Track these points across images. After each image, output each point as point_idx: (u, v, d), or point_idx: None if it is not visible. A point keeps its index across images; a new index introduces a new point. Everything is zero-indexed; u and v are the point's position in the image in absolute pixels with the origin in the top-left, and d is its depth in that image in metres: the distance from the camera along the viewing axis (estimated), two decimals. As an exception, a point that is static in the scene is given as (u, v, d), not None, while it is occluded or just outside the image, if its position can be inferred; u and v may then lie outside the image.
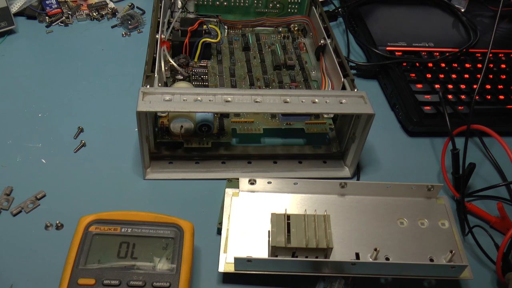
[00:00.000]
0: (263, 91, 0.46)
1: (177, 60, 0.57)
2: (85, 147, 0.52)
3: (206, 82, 0.58)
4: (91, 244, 0.38)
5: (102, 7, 0.73)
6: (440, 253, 0.41)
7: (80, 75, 0.62)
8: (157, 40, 0.53)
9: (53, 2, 0.70)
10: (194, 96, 0.44)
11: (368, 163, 0.55)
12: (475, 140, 0.59)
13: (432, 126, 0.58)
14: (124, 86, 0.60)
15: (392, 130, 0.60)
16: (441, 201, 0.46)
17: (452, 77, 0.63)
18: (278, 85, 0.59)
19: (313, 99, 0.46)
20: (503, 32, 0.75)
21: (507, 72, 0.65)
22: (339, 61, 0.55)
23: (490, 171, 0.56)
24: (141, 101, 0.43)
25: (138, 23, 0.71)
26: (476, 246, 0.46)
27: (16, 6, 0.69)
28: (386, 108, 0.63)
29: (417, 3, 0.79)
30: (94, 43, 0.68)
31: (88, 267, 0.36)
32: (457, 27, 0.75)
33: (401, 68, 0.64)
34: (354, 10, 0.76)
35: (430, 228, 0.44)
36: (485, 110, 0.60)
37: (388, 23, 0.74)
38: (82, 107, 0.57)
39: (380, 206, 0.45)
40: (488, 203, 0.52)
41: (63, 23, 0.70)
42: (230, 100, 0.45)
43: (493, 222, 0.49)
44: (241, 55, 0.63)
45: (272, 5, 0.69)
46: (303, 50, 0.66)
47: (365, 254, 0.41)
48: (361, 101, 0.47)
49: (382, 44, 0.68)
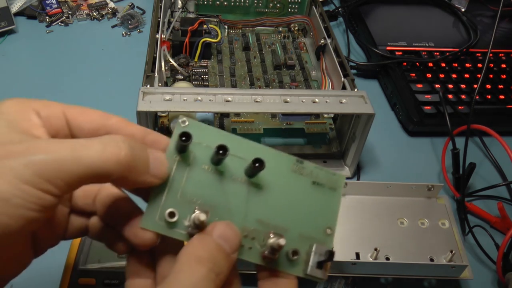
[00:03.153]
0: (263, 91, 0.46)
1: (177, 60, 0.57)
2: (85, 147, 0.52)
3: (206, 82, 0.58)
4: (91, 244, 0.38)
5: (102, 7, 0.73)
6: (440, 253, 0.41)
7: (80, 75, 0.62)
8: (157, 40, 0.53)
9: (53, 2, 0.70)
10: (194, 96, 0.44)
11: (368, 163, 0.54)
12: (475, 140, 0.59)
13: (432, 126, 0.58)
14: (124, 86, 0.60)
15: (392, 130, 0.60)
16: (441, 201, 0.46)
17: (452, 77, 0.63)
18: (278, 85, 0.59)
19: (313, 99, 0.46)
20: (503, 32, 0.75)
21: (507, 71, 0.65)
22: (339, 61, 0.54)
23: (490, 171, 0.56)
24: (141, 101, 0.43)
25: (138, 23, 0.71)
26: (476, 246, 0.46)
27: (16, 6, 0.69)
28: (386, 108, 0.63)
29: (417, 3, 0.79)
30: (94, 43, 0.68)
31: (88, 267, 0.36)
32: (457, 27, 0.75)
33: (401, 68, 0.64)
34: (354, 10, 0.76)
35: (430, 228, 0.44)
36: (485, 110, 0.60)
37: (388, 23, 0.74)
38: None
39: (380, 206, 0.45)
40: (488, 203, 0.52)
41: (63, 23, 0.70)
42: (230, 100, 0.45)
43: (493, 222, 0.49)
44: (241, 55, 0.63)
45: (272, 5, 0.69)
46: (303, 50, 0.66)
47: (365, 254, 0.41)
48: (361, 101, 0.47)
49: (382, 44, 0.68)
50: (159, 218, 0.24)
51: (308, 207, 0.26)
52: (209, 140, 0.25)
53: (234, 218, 0.25)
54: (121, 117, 0.25)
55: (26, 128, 0.22)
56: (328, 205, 0.27)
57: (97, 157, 0.20)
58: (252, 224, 0.25)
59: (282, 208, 0.26)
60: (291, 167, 0.26)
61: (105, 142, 0.21)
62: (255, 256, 0.25)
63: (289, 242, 0.25)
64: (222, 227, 0.23)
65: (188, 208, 0.24)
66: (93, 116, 0.24)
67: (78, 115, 0.24)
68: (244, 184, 0.25)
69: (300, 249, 0.25)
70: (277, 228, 0.25)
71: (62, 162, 0.20)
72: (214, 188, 0.25)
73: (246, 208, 0.25)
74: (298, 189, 0.26)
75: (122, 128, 0.25)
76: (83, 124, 0.24)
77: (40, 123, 0.23)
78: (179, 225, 0.24)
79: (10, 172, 0.19)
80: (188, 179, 0.24)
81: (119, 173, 0.21)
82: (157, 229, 0.24)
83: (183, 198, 0.24)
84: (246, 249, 0.25)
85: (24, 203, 0.19)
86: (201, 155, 0.25)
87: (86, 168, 0.20)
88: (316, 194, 0.26)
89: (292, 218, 0.26)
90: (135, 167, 0.22)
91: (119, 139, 0.22)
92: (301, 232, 0.26)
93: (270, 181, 0.26)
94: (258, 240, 0.25)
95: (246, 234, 0.25)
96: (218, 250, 0.23)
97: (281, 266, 0.25)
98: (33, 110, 0.23)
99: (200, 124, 0.25)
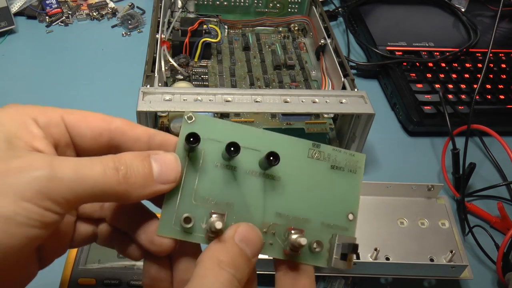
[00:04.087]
0: (263, 91, 0.46)
1: (177, 60, 0.57)
2: (85, 147, 0.52)
3: (206, 82, 0.58)
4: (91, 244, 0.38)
5: (102, 7, 0.73)
6: (440, 253, 0.41)
7: (80, 75, 0.62)
8: (157, 40, 0.53)
9: (53, 2, 0.70)
10: (194, 96, 0.44)
11: (368, 163, 0.54)
12: (475, 140, 0.59)
13: (432, 126, 0.58)
14: (124, 86, 0.60)
15: (392, 130, 0.60)
16: (441, 201, 0.46)
17: (452, 77, 0.63)
18: (278, 85, 0.59)
19: (313, 99, 0.46)
20: (503, 32, 0.75)
21: (507, 71, 0.65)
22: (339, 61, 0.54)
23: (490, 171, 0.56)
24: (141, 101, 0.43)
25: (138, 23, 0.71)
26: (476, 246, 0.46)
27: (16, 6, 0.69)
28: (386, 108, 0.63)
29: (417, 3, 0.79)
30: (94, 43, 0.68)
31: (88, 267, 0.36)
32: (457, 27, 0.75)
33: (401, 68, 0.64)
34: (354, 10, 0.76)
35: (430, 228, 0.44)
36: (485, 110, 0.60)
37: (388, 23, 0.74)
38: (82, 107, 0.56)
39: (380, 206, 0.45)
40: (488, 203, 0.52)
41: (63, 23, 0.70)
42: (230, 100, 0.45)
43: (493, 222, 0.49)
44: (241, 55, 0.63)
45: (272, 5, 0.69)
46: (303, 50, 0.66)
47: (365, 254, 0.41)
48: (361, 101, 0.47)
49: (382, 44, 0.68)
50: (175, 223, 0.23)
51: (328, 194, 0.25)
52: (219, 135, 0.24)
53: (252, 214, 0.24)
54: (124, 119, 0.24)
55: (27, 141, 0.21)
56: (349, 189, 0.26)
57: (100, 177, 0.20)
58: (272, 218, 0.24)
59: (301, 198, 0.25)
60: (308, 153, 0.25)
61: (105, 163, 0.21)
62: (277, 252, 0.24)
63: (311, 233, 0.24)
64: (244, 230, 0.23)
65: (204, 209, 0.23)
66: (94, 121, 0.24)
67: (78, 121, 0.23)
68: (259, 177, 0.24)
69: (323, 239, 0.24)
70: (298, 220, 0.24)
71: (65, 181, 0.20)
72: (229, 185, 0.24)
73: (264, 202, 0.24)
74: (317, 176, 0.25)
75: (127, 132, 0.24)
76: (84, 131, 0.23)
77: (40, 134, 0.22)
78: (196, 229, 0.23)
79: (12, 190, 0.19)
80: (200, 179, 0.24)
81: (121, 193, 0.21)
82: (174, 235, 0.23)
83: (197, 199, 0.23)
84: (267, 245, 0.24)
85: (26, 221, 0.19)
86: (212, 151, 0.24)
87: (89, 188, 0.20)
88: (336, 179, 0.25)
89: (312, 207, 0.25)
90: (135, 183, 0.21)
91: (116, 159, 0.21)
92: (322, 221, 0.25)
93: (287, 171, 0.25)
94: (279, 234, 0.24)
95: (266, 229, 0.24)
96: (240, 254, 0.22)
97: (304, 258, 0.24)
98: (31, 118, 0.22)
99: (208, 118, 0.24)
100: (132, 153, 0.22)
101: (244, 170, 0.24)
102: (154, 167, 0.22)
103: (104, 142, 0.24)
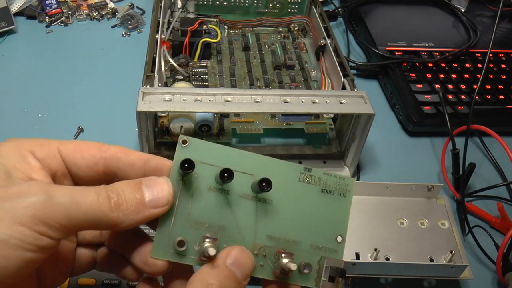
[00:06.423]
0: (263, 91, 0.46)
1: (177, 60, 0.57)
2: (85, 147, 0.52)
3: (206, 82, 0.58)
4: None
5: (102, 7, 0.73)
6: (440, 253, 0.41)
7: (80, 75, 0.62)
8: (157, 40, 0.53)
9: (53, 2, 0.70)
10: (194, 96, 0.44)
11: (368, 163, 0.54)
12: (475, 140, 0.59)
13: (432, 126, 0.58)
14: (124, 86, 0.60)
15: (392, 130, 0.60)
16: (441, 201, 0.46)
17: (452, 77, 0.63)
18: (278, 85, 0.59)
19: (313, 99, 0.46)
20: (503, 32, 0.75)
21: (507, 72, 0.65)
22: (339, 61, 0.54)
23: (490, 171, 0.56)
24: (141, 101, 0.43)
25: (138, 23, 0.71)
26: (476, 246, 0.46)
27: (16, 6, 0.69)
28: (386, 108, 0.63)
29: (417, 3, 0.79)
30: (94, 43, 0.68)
31: (88, 267, 0.36)
32: (457, 27, 0.75)
33: (401, 68, 0.64)
34: (354, 10, 0.76)
35: (430, 228, 0.44)
36: (485, 110, 0.60)
37: (388, 23, 0.74)
38: (82, 107, 0.57)
39: (380, 206, 0.45)
40: (488, 203, 0.52)
41: (63, 23, 0.70)
42: (230, 100, 0.45)
43: (493, 222, 0.49)
44: (241, 55, 0.63)
45: (272, 5, 0.69)
46: (303, 50, 0.66)
47: (365, 254, 0.41)
48: (361, 101, 0.47)
49: (382, 44, 0.68)
50: (168, 246, 0.24)
51: (318, 217, 0.26)
52: (213, 159, 0.25)
53: (244, 236, 0.24)
54: (120, 146, 0.25)
55: (25, 172, 0.22)
56: (338, 212, 0.26)
57: (93, 204, 0.21)
58: (263, 240, 0.25)
59: (292, 221, 0.25)
60: (299, 177, 0.26)
61: (99, 191, 0.22)
62: (267, 274, 0.25)
63: (301, 254, 0.25)
64: (237, 253, 0.23)
65: (197, 232, 0.24)
66: (90, 150, 0.25)
67: (73, 152, 0.24)
68: (251, 200, 0.25)
69: (312, 261, 0.25)
70: (288, 242, 0.25)
71: (60, 206, 0.20)
72: (222, 208, 0.24)
73: (255, 225, 0.25)
74: (307, 200, 0.26)
75: (121, 158, 0.25)
76: (80, 161, 0.24)
77: (38, 165, 0.23)
78: (189, 251, 0.24)
79: (9, 214, 0.19)
80: (194, 202, 0.24)
81: (114, 219, 0.22)
82: (168, 257, 0.24)
83: (190, 222, 0.24)
84: (258, 266, 0.24)
85: (20, 244, 0.19)
86: (206, 174, 0.25)
87: (83, 214, 0.21)
88: (326, 202, 0.26)
89: (303, 229, 0.25)
90: (127, 209, 0.22)
91: (108, 188, 0.22)
92: (312, 242, 0.26)
93: (278, 194, 0.25)
94: (269, 256, 0.25)
95: (257, 251, 0.24)
96: (230, 278, 0.23)
97: (293, 280, 0.25)
98: (29, 151, 0.23)
99: (202, 142, 0.25)
100: (124, 181, 0.23)
101: (237, 194, 0.25)
102: (145, 193, 0.23)
103: (100, 170, 0.25)
